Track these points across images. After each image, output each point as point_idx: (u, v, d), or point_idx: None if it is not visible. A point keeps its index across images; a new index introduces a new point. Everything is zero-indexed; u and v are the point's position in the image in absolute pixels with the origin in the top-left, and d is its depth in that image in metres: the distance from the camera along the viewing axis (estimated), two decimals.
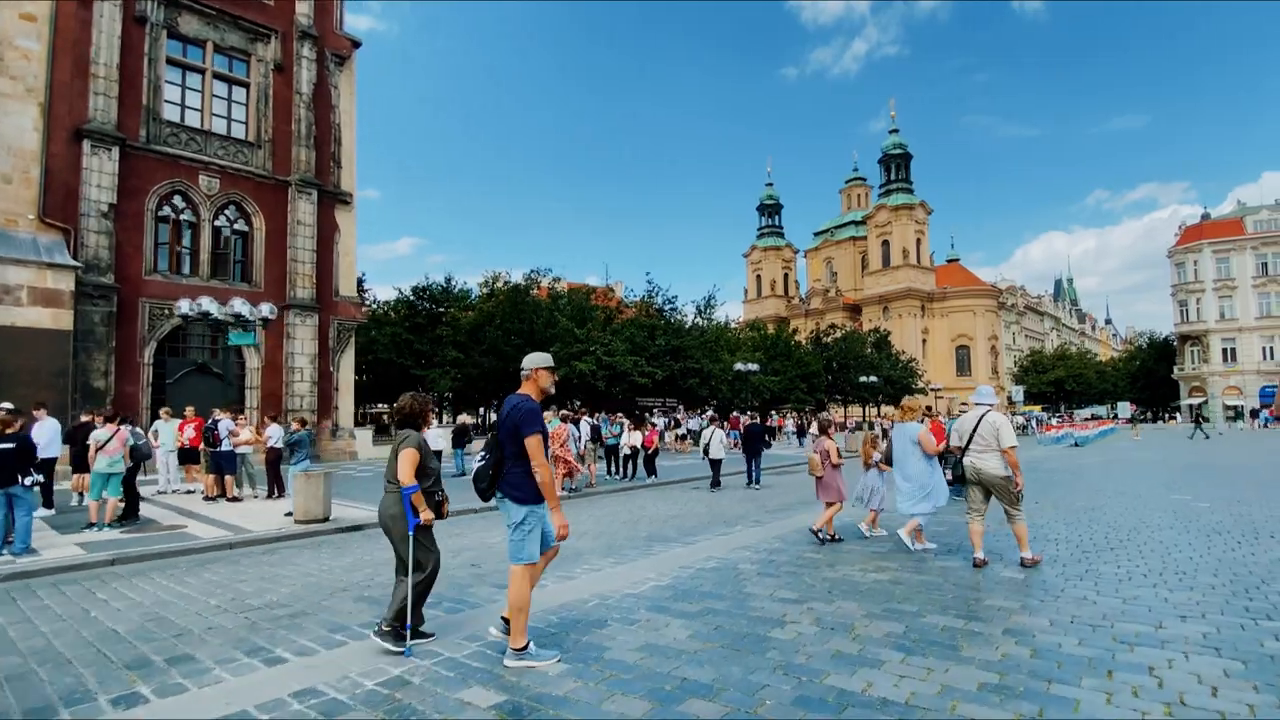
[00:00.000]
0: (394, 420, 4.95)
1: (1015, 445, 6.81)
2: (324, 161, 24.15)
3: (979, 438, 6.96)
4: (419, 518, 4.48)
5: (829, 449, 8.51)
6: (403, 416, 4.77)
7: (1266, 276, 66.72)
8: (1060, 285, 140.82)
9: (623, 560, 7.69)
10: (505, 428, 4.17)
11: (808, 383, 45.23)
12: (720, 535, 9.05)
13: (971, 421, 7.09)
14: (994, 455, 6.83)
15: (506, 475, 4.17)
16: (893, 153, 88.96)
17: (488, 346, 31.79)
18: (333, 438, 23.71)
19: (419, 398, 4.86)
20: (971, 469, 6.99)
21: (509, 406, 4.23)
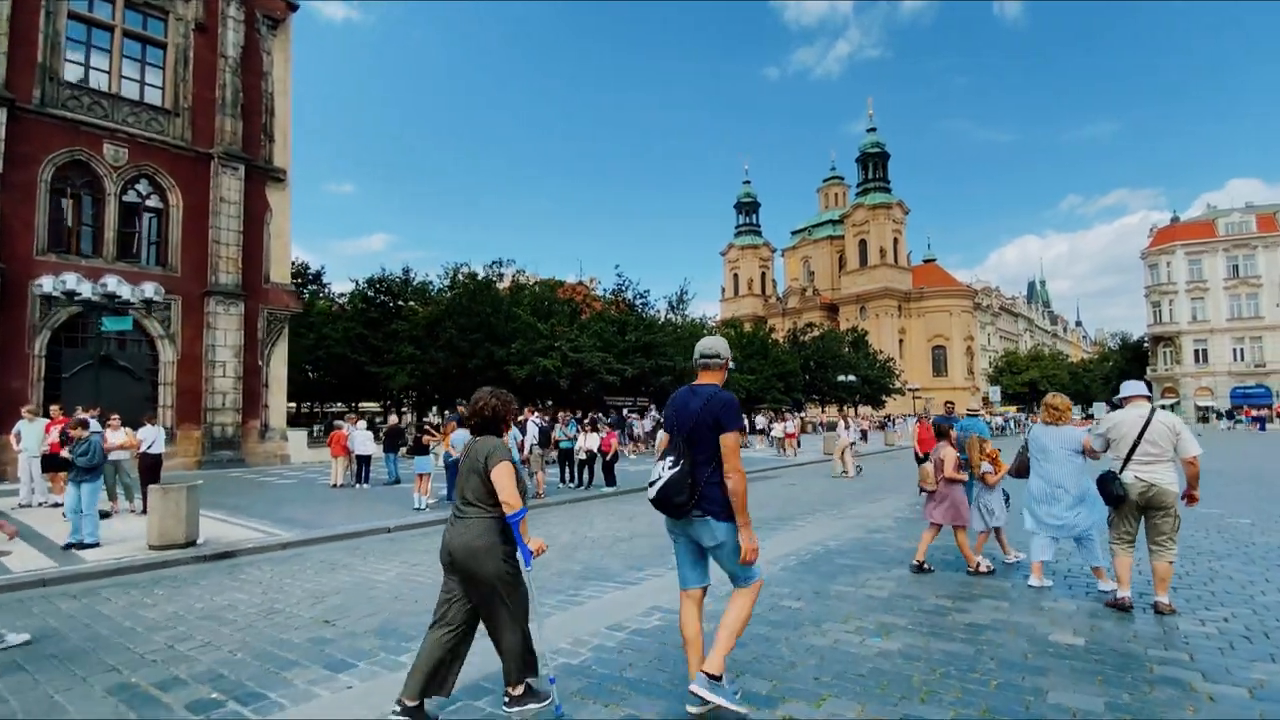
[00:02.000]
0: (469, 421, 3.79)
1: (1200, 453, 5.18)
2: (253, 133, 21.75)
3: (1150, 443, 5.21)
4: (530, 548, 3.48)
5: (945, 458, 6.76)
6: (481, 419, 3.68)
7: (1237, 278, 66.96)
8: (1034, 287, 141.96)
9: (536, 613, 5.67)
10: (699, 423, 3.43)
11: (785, 382, 43.60)
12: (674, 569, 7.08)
13: (1134, 422, 5.30)
14: (1169, 467, 5.23)
15: (704, 487, 3.44)
16: (870, 151, 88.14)
17: (444, 342, 29.50)
18: (261, 440, 21.32)
19: (501, 394, 3.79)
20: (1139, 486, 5.24)
21: (704, 397, 3.49)
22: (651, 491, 3.50)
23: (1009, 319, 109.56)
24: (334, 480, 15.23)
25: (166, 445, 19.47)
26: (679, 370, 33.17)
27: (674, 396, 3.66)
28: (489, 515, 3.43)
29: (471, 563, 3.36)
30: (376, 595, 6.30)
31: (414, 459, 11.96)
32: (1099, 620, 5.17)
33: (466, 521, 3.44)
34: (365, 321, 35.14)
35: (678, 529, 3.59)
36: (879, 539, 8.67)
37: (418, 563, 7.73)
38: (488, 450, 3.48)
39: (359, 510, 11.52)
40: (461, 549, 3.39)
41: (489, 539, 3.40)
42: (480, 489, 3.45)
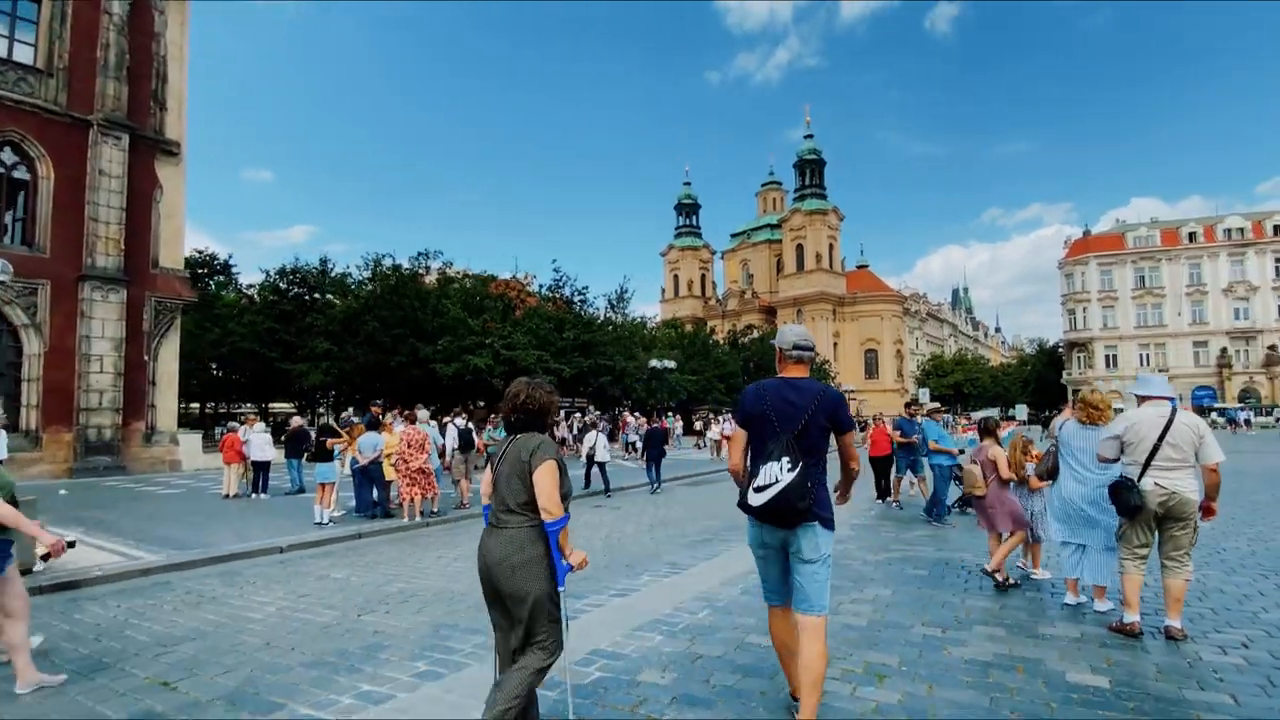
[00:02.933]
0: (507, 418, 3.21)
1: (1223, 459, 4.52)
2: (141, 100, 19.34)
3: (1171, 447, 4.53)
4: (570, 563, 3.01)
5: (996, 458, 6.09)
6: (526, 414, 3.14)
7: (1144, 289, 71.16)
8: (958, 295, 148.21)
9: (431, 672, 4.40)
10: (811, 421, 3.11)
11: (725, 383, 43.14)
12: (616, 598, 5.93)
13: (1155, 423, 4.58)
14: (1190, 474, 4.60)
15: (817, 490, 3.12)
16: (808, 158, 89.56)
17: (363, 337, 27.38)
18: (147, 444, 18.93)
19: (542, 385, 3.24)
20: (1159, 495, 4.55)
21: (812, 394, 3.17)
22: (762, 498, 3.09)
23: (935, 324, 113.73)
24: (226, 490, 13.36)
25: (30, 449, 17.04)
26: (619, 370, 32.08)
27: (762, 390, 3.27)
28: (532, 524, 2.99)
29: (511, 580, 2.92)
30: (244, 642, 4.90)
31: (315, 466, 10.37)
32: (1111, 651, 4.42)
33: (506, 532, 2.99)
34: (276, 315, 32.48)
35: (774, 540, 3.26)
36: (840, 551, 7.76)
37: (308, 592, 6.32)
38: (532, 448, 3.00)
39: (250, 526, 9.87)
40: (500, 564, 2.95)
41: (532, 551, 2.95)
42: (524, 494, 2.99)
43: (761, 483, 3.10)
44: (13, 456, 16.63)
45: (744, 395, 3.37)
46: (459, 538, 9.25)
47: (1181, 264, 69.81)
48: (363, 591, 6.29)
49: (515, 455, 3.01)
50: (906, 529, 9.32)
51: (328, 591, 6.34)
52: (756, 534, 3.31)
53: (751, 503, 3.13)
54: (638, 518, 10.82)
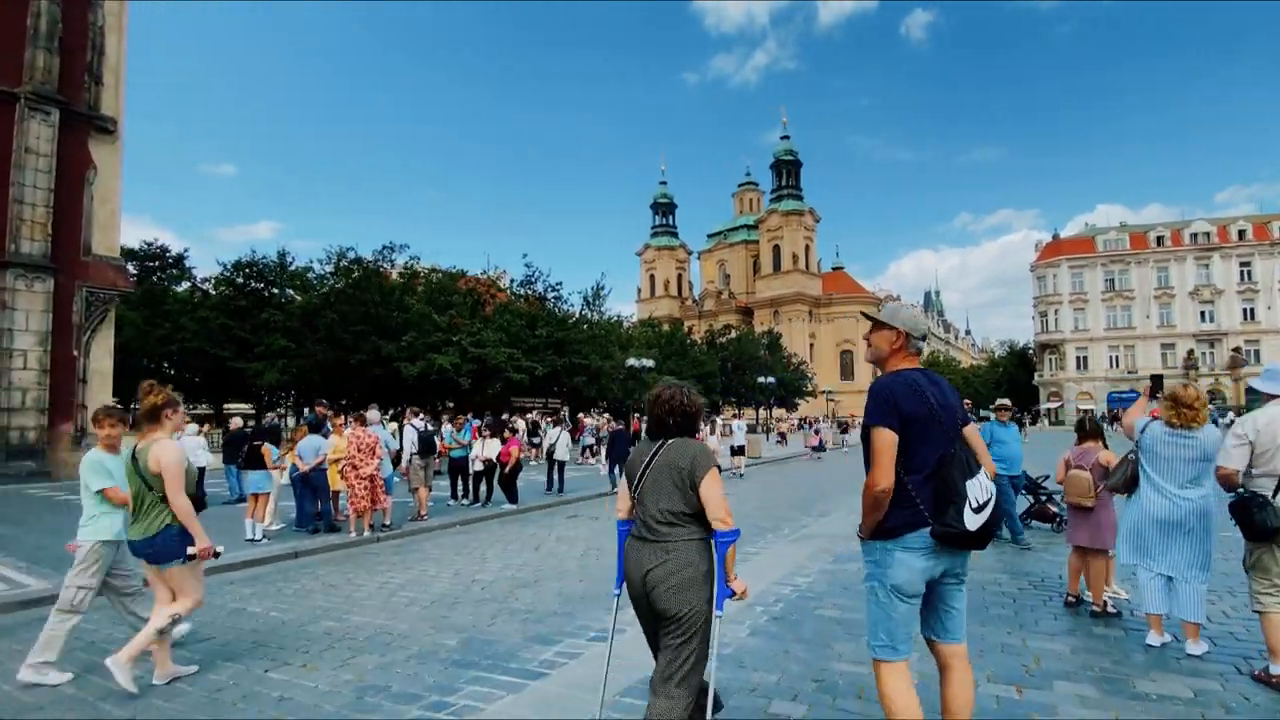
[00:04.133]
0: (659, 421, 2.93)
1: None
2: (74, 74, 17.67)
3: None
4: (733, 588, 2.74)
5: (1107, 461, 5.08)
6: (684, 416, 2.91)
7: (1114, 291, 72.13)
8: (930, 297, 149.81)
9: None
10: (954, 419, 2.65)
11: (703, 383, 42.20)
12: (598, 642, 4.74)
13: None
14: None
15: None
16: (784, 159, 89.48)
17: (323, 334, 25.82)
18: (76, 448, 17.25)
19: (689, 391, 2.99)
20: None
21: (952, 388, 2.73)
22: (982, 518, 2.50)
23: None
24: None
25: None
26: (594, 369, 30.93)
27: (914, 385, 2.62)
28: (695, 537, 2.76)
29: (678, 599, 2.65)
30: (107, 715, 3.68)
31: (247, 474, 9.06)
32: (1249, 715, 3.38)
33: (668, 546, 2.73)
34: (231, 311, 30.65)
35: (937, 572, 2.60)
36: (853, 571, 6.75)
37: (211, 635, 5.08)
38: (693, 455, 2.78)
39: None
40: (663, 581, 2.67)
41: (700, 568, 2.71)
42: (683, 504, 2.75)
43: (980, 499, 2.49)
44: None
45: (892, 392, 2.58)
46: (410, 556, 8.04)
47: (1150, 267, 70.90)
48: (280, 635, 5.08)
49: (670, 463, 2.78)
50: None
51: (237, 632, 5.12)
52: (921, 569, 2.55)
53: (970, 526, 2.46)
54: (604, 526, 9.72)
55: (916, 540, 2.51)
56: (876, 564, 2.60)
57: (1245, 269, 67.39)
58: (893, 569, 2.54)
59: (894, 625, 2.58)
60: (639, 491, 2.84)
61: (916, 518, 2.50)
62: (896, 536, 2.52)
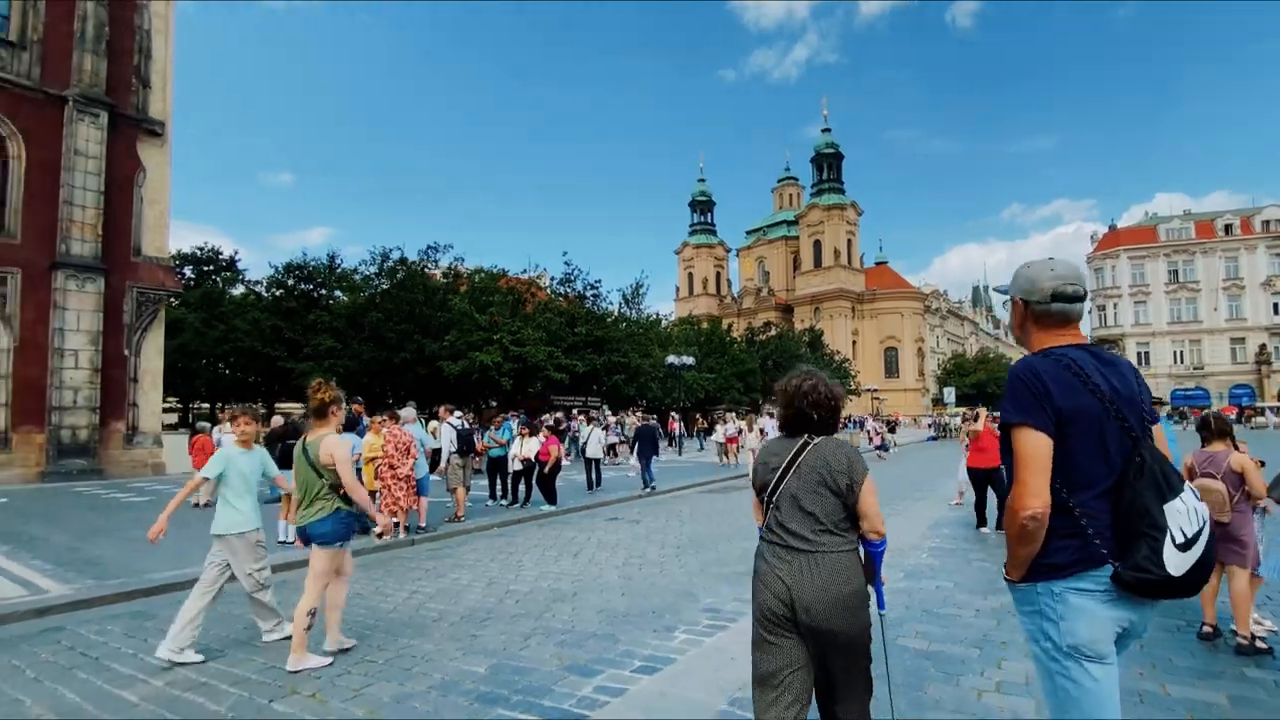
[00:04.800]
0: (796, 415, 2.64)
1: None
2: (122, 77, 18.00)
3: None
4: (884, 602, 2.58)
5: (1245, 470, 4.26)
6: (827, 411, 2.61)
7: (1178, 283, 68.45)
8: (978, 292, 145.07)
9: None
10: (1138, 413, 1.94)
11: (744, 382, 41.38)
12: (642, 673, 4.20)
13: None
14: None
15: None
16: (825, 152, 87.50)
17: (368, 334, 25.97)
18: (128, 446, 17.57)
19: (831, 381, 2.69)
20: None
21: (1129, 366, 2.03)
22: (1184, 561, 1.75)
23: (956, 322, 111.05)
24: (196, 498, 11.89)
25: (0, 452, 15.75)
26: (634, 368, 30.46)
27: (1074, 367, 1.90)
28: (850, 548, 2.46)
29: (840, 617, 2.34)
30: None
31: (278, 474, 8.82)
32: None
33: (822, 558, 2.39)
34: (282, 312, 31.26)
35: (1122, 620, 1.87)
36: (931, 590, 6.08)
37: (221, 649, 4.73)
38: (848, 456, 2.49)
39: (203, 544, 8.30)
40: (824, 597, 2.33)
41: (861, 581, 2.43)
42: (836, 509, 2.44)
43: (1188, 531, 1.76)
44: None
45: (1038, 377, 1.91)
46: (444, 561, 7.67)
47: (1217, 257, 67.05)
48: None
49: (820, 463, 2.50)
50: None
51: (252, 650, 4.76)
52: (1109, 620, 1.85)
53: (1174, 569, 1.74)
54: (660, 535, 9.19)
55: (1093, 581, 1.84)
56: (1041, 616, 1.91)
57: None
58: (1068, 621, 1.84)
59: (1088, 705, 1.83)
60: (776, 495, 2.52)
61: (1090, 553, 1.84)
62: (1065, 575, 1.86)
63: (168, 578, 6.66)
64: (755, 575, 2.52)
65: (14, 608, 5.65)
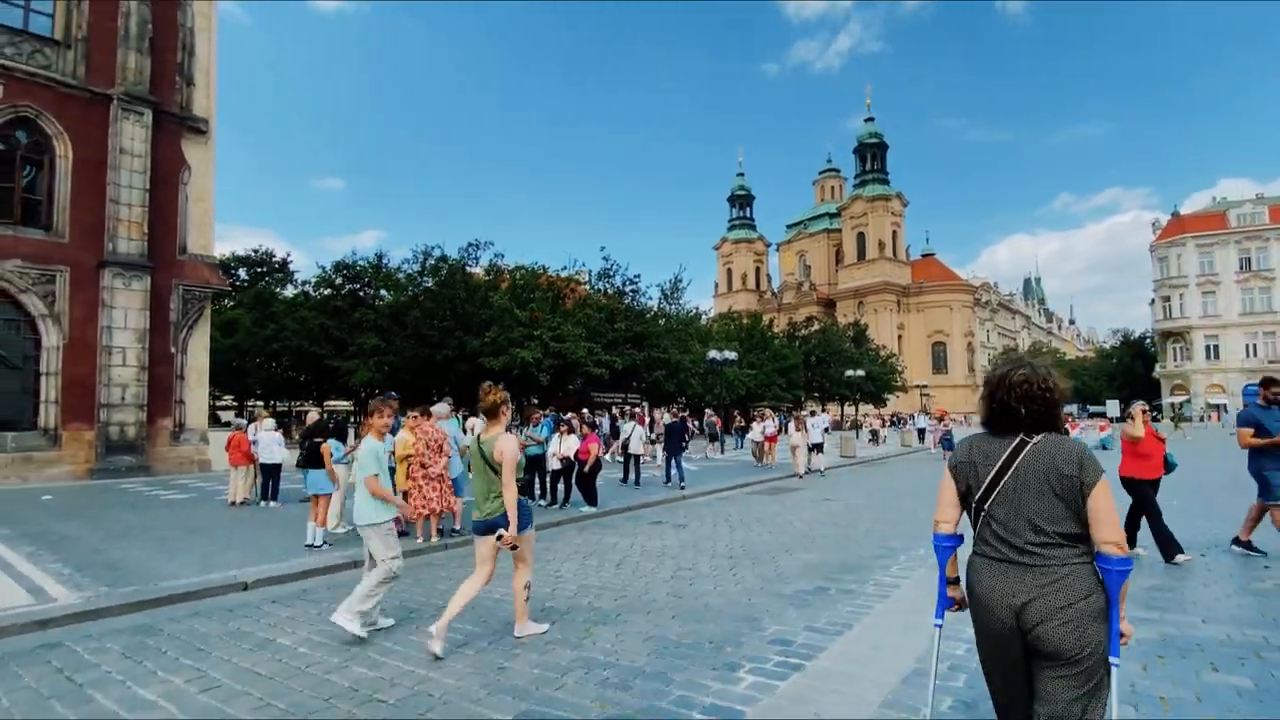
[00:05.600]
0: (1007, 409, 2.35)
1: None
2: (165, 74, 18.11)
3: None
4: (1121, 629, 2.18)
5: None
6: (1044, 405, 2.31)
7: (1250, 271, 64.50)
8: (1029, 284, 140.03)
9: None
10: None
11: (786, 378, 40.31)
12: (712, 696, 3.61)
13: None
14: None
15: None
16: (869, 142, 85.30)
17: (410, 331, 25.94)
18: (174, 443, 17.71)
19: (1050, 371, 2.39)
20: None
21: None
22: None
23: (1006, 316, 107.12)
24: (232, 497, 11.72)
25: (49, 448, 15.99)
26: (673, 364, 29.82)
27: None
28: (1084, 561, 2.17)
29: (1078, 636, 2.08)
30: None
31: (305, 474, 8.47)
32: None
33: (1051, 571, 2.14)
34: (330, 311, 31.62)
35: None
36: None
37: (225, 679, 4.17)
38: (1079, 457, 2.19)
39: (231, 546, 8.05)
40: (1060, 615, 2.09)
41: (1099, 600, 2.13)
42: (1069, 519, 2.17)
43: None
44: (30, 456, 15.66)
45: None
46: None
47: None
48: (300, 681, 4.16)
49: (1049, 466, 2.19)
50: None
51: (252, 679, 4.23)
52: None
53: None
54: (710, 543, 8.53)
55: None
56: None
57: None
58: None
59: None
60: (990, 501, 2.29)
61: None
62: None
63: (184, 585, 6.29)
64: (972, 597, 2.29)
65: (13, 619, 5.28)
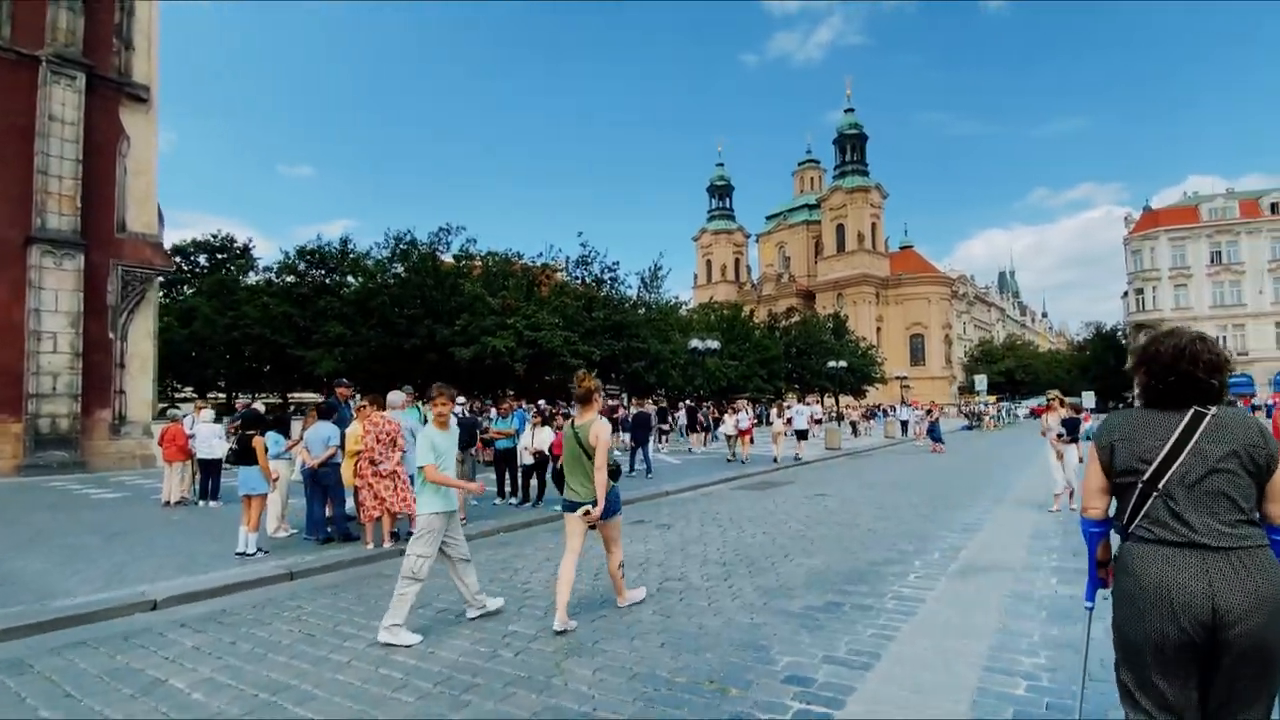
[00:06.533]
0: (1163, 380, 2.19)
1: None
2: (101, 36, 16.63)
3: None
4: None
5: None
6: (1221, 374, 2.17)
7: (1220, 265, 65.45)
8: (1004, 278, 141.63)
9: None
10: None
11: (767, 369, 39.64)
12: None
13: None
14: None
15: None
16: (848, 133, 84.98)
17: (376, 320, 24.62)
18: (114, 436, 16.36)
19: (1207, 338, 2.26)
20: None
21: None
22: None
23: (982, 308, 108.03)
24: (166, 496, 10.56)
25: None
26: (654, 355, 28.89)
27: None
28: (1265, 542, 2.01)
29: (1274, 625, 1.90)
30: None
31: (238, 470, 7.37)
32: None
33: (1247, 555, 1.95)
34: (294, 298, 30.05)
35: None
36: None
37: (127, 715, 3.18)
38: (1260, 427, 2.06)
39: (151, 554, 6.96)
40: (1259, 603, 1.90)
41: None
42: (1251, 494, 2.02)
43: None
44: None
45: None
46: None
47: (1263, 237, 63.94)
48: None
49: (1230, 438, 2.00)
50: None
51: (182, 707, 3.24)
52: None
53: None
54: (699, 547, 7.61)
55: None
56: None
57: None
58: None
59: None
60: (1165, 479, 2.02)
61: None
62: None
63: (79, 605, 5.21)
64: (1138, 588, 2.02)
65: None
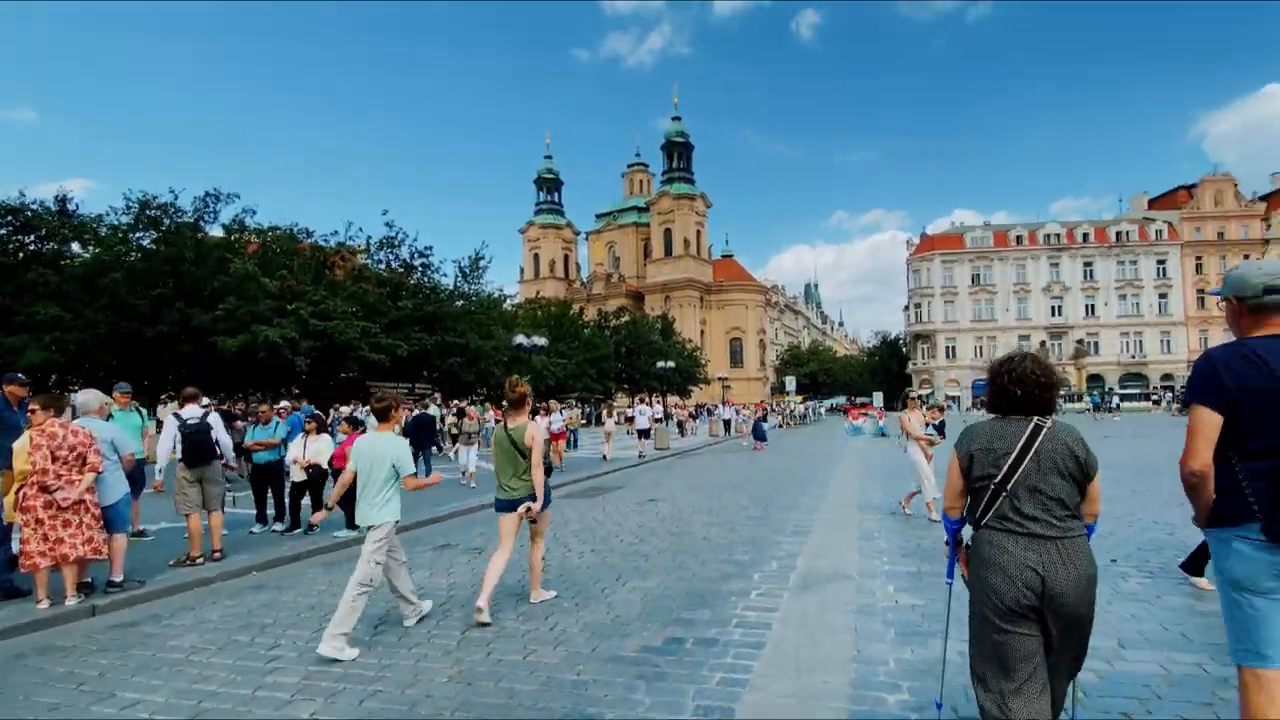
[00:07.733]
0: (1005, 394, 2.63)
1: None
2: None
3: None
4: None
5: None
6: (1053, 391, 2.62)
7: (979, 286, 76.69)
8: (810, 290, 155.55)
9: None
10: None
11: (596, 368, 38.76)
12: None
13: None
14: None
15: None
16: (676, 140, 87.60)
17: (108, 300, 19.65)
18: None
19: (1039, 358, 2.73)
20: None
21: None
22: None
23: (791, 316, 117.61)
24: None
25: None
26: (473, 350, 26.52)
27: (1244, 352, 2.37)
28: (1084, 533, 2.50)
29: (1088, 599, 2.42)
30: None
31: None
32: None
33: (1070, 543, 2.42)
34: None
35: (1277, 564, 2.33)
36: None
37: None
38: (1082, 440, 2.53)
39: None
40: (1078, 582, 2.38)
41: (1096, 566, 2.47)
42: (1074, 494, 2.48)
43: None
44: None
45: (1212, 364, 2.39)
46: (131, 655, 3.89)
47: (1010, 264, 75.90)
48: None
49: (1060, 447, 2.47)
50: None
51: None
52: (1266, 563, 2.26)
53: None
54: (516, 572, 5.92)
55: (1251, 530, 2.27)
56: (1216, 554, 2.45)
57: (1088, 268, 73.92)
58: (1230, 560, 2.36)
59: (1249, 626, 2.33)
60: (1012, 481, 2.44)
61: (1245, 509, 2.27)
62: (1232, 524, 2.32)
63: None
64: (991, 566, 2.42)
65: None
